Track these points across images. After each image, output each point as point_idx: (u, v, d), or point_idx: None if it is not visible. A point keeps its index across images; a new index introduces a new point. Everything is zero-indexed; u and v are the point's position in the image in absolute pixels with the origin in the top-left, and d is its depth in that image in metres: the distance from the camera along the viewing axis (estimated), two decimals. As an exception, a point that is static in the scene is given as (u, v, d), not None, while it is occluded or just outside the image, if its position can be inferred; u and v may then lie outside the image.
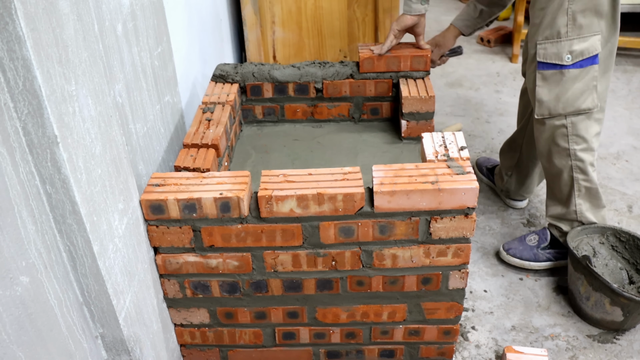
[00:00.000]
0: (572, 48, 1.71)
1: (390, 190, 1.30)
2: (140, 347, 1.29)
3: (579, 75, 1.74)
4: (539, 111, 1.81)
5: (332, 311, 1.53)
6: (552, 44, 1.73)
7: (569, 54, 1.72)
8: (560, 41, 1.72)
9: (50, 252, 1.02)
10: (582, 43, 1.70)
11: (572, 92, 1.76)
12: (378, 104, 1.98)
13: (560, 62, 1.73)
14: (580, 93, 1.76)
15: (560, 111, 1.79)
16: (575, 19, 1.68)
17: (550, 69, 1.76)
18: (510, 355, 1.65)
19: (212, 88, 1.90)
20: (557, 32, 1.71)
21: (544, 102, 1.80)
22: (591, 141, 1.83)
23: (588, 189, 1.89)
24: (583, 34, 1.70)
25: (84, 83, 1.02)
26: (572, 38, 1.70)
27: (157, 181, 1.37)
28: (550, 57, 1.74)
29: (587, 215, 1.92)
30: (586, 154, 1.84)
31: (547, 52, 1.74)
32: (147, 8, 1.48)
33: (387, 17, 2.65)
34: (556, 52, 1.73)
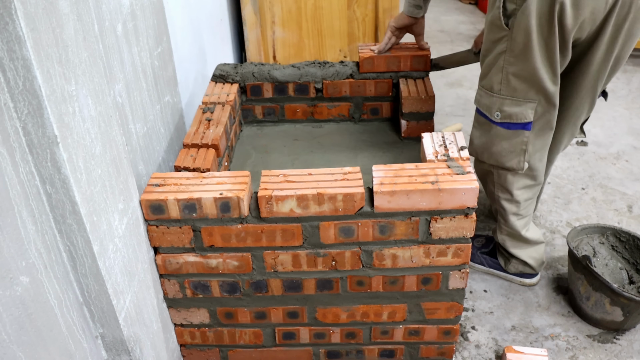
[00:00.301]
0: (503, 108, 1.61)
1: (390, 190, 1.30)
2: (140, 347, 1.29)
3: (506, 135, 1.65)
4: (469, 150, 1.75)
5: (332, 311, 1.53)
6: (487, 95, 1.64)
7: (498, 112, 1.62)
8: (492, 95, 1.62)
9: (50, 252, 1.02)
10: (513, 106, 1.60)
11: (497, 148, 1.69)
12: (378, 104, 1.98)
13: (490, 116, 1.65)
14: (506, 152, 1.68)
15: (485, 160, 1.74)
16: (509, 81, 1.58)
17: (483, 117, 1.69)
18: (510, 355, 1.65)
19: (212, 88, 1.90)
20: (491, 85, 1.62)
21: (473, 144, 1.75)
22: (516, 194, 1.78)
23: (509, 233, 1.89)
24: (517, 97, 1.59)
25: (84, 83, 1.02)
26: (504, 97, 1.60)
27: (157, 181, 1.37)
28: (483, 107, 1.66)
29: (512, 250, 1.93)
30: (510, 204, 1.81)
31: (482, 101, 1.66)
32: (147, 8, 1.48)
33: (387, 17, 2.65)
34: (488, 105, 1.64)
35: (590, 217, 2.31)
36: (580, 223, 2.25)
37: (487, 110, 1.65)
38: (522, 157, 1.68)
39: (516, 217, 1.84)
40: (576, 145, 2.77)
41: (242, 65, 1.96)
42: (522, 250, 1.92)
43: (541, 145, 1.71)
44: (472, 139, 1.75)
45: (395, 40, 1.92)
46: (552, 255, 2.13)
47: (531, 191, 1.81)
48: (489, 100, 1.63)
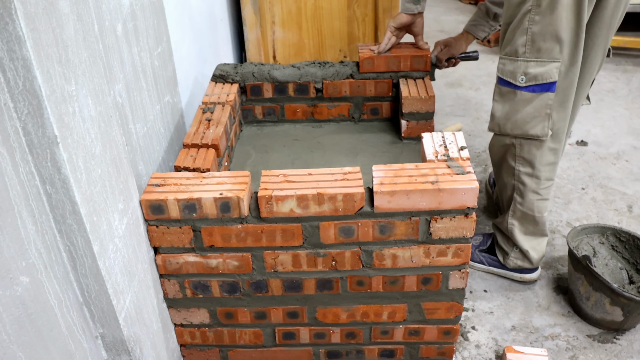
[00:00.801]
0: (528, 70, 1.62)
1: (390, 190, 1.30)
2: (140, 347, 1.29)
3: (531, 99, 1.65)
4: (490, 125, 1.77)
5: (332, 311, 1.53)
6: (510, 61, 1.65)
7: (523, 75, 1.63)
8: (517, 60, 1.63)
9: (50, 252, 1.02)
10: (538, 67, 1.61)
11: (522, 114, 1.68)
12: (378, 104, 1.98)
13: (514, 81, 1.65)
14: (530, 117, 1.68)
15: (508, 131, 1.73)
16: (535, 40, 1.59)
17: (506, 86, 1.69)
18: (510, 355, 1.65)
19: (212, 88, 1.90)
20: (515, 50, 1.63)
21: (495, 118, 1.74)
22: (539, 169, 1.77)
23: (523, 214, 1.85)
24: (541, 58, 1.60)
25: (84, 83, 1.02)
26: (529, 59, 1.61)
27: (157, 181, 1.37)
28: (507, 74, 1.67)
29: (517, 237, 1.90)
30: (530, 179, 1.79)
31: (505, 69, 1.67)
32: (147, 8, 1.48)
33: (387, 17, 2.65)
34: (512, 70, 1.65)
35: (590, 217, 2.31)
36: (580, 223, 2.25)
37: (511, 77, 1.65)
38: (547, 123, 1.67)
39: (535, 196, 1.81)
40: (576, 145, 2.77)
41: (242, 65, 1.96)
42: (527, 240, 1.90)
43: (563, 116, 1.71)
44: (494, 113, 1.74)
45: (395, 40, 1.92)
46: (552, 255, 2.13)
47: (552, 170, 1.80)
48: (513, 65, 1.64)
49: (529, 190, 1.80)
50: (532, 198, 1.81)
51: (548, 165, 1.77)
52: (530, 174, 1.78)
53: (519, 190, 1.82)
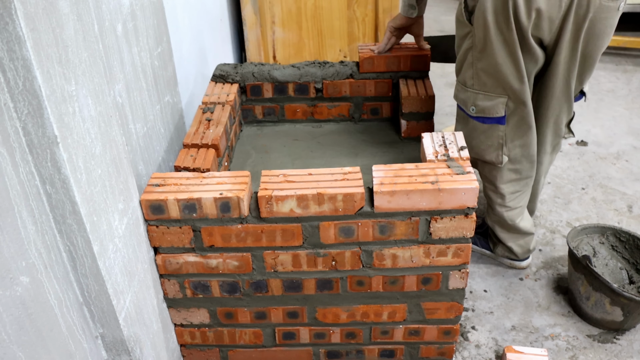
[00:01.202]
0: (477, 102, 1.66)
1: (390, 190, 1.30)
2: (140, 347, 1.29)
3: (483, 129, 1.70)
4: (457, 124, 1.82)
5: (332, 311, 1.53)
6: (462, 89, 1.69)
7: (473, 106, 1.67)
8: (467, 90, 1.67)
9: (50, 252, 1.02)
10: (486, 101, 1.64)
11: (476, 141, 1.73)
12: (378, 104, 1.98)
13: (467, 110, 1.70)
14: (485, 146, 1.72)
15: (470, 153, 1.74)
16: (479, 76, 1.63)
17: (462, 111, 1.75)
18: (510, 355, 1.65)
19: (212, 88, 1.90)
20: (464, 80, 1.67)
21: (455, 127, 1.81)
22: (501, 188, 1.81)
23: (497, 221, 1.93)
24: (488, 92, 1.63)
25: (84, 83, 1.02)
26: (477, 91, 1.65)
27: (157, 181, 1.37)
28: (460, 101, 1.72)
29: (500, 235, 1.96)
30: (495, 195, 1.85)
31: (459, 96, 1.72)
32: (147, 8, 1.48)
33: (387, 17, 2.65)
34: (464, 99, 1.70)
35: (590, 217, 2.31)
36: (580, 223, 2.25)
37: (463, 105, 1.71)
38: (500, 151, 1.72)
39: (503, 209, 1.87)
40: (576, 145, 2.77)
41: (242, 65, 1.96)
42: (510, 237, 1.96)
43: (521, 142, 1.73)
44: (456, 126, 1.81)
45: (395, 40, 1.92)
46: (552, 255, 2.13)
47: (517, 185, 1.82)
48: (465, 94, 1.69)
49: (495, 204, 1.88)
50: (500, 210, 1.88)
51: (510, 182, 1.81)
52: (494, 190, 1.85)
53: (489, 202, 1.92)
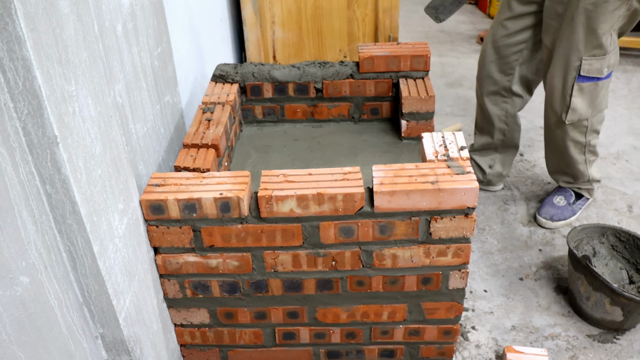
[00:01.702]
0: (610, 62, 1.95)
1: (390, 190, 1.30)
2: (140, 347, 1.29)
3: (606, 84, 2.01)
4: (571, 117, 2.03)
5: (332, 311, 1.53)
6: (598, 60, 1.92)
7: (607, 68, 1.95)
8: (604, 57, 1.92)
9: (50, 252, 1.02)
10: (614, 56, 1.96)
11: (600, 98, 2.02)
12: (378, 104, 1.98)
13: (600, 75, 1.96)
14: (603, 97, 2.03)
15: (589, 116, 2.04)
16: (614, 37, 1.93)
17: (588, 81, 1.96)
18: (511, 355, 1.65)
19: (212, 88, 1.90)
20: (605, 50, 1.91)
21: (577, 110, 2.01)
22: (599, 130, 2.14)
23: (594, 161, 2.23)
24: (615, 47, 1.95)
25: (84, 83, 1.02)
26: (610, 52, 1.93)
27: (157, 181, 1.37)
28: (594, 72, 1.94)
29: (594, 176, 2.26)
30: (596, 139, 2.15)
31: (592, 67, 1.93)
32: (147, 8, 1.48)
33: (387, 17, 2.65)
34: (599, 67, 1.94)
35: (590, 217, 2.31)
36: (580, 223, 2.25)
37: (598, 73, 1.95)
38: (608, 95, 2.07)
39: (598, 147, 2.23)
40: (576, 145, 2.77)
41: (242, 65, 1.96)
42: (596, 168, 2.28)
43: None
44: (575, 107, 2.01)
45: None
46: (552, 255, 2.13)
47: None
48: (601, 62, 1.93)
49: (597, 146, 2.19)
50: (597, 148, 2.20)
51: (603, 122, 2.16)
52: (597, 137, 2.16)
53: (591, 152, 2.18)
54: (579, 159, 2.17)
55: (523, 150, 2.73)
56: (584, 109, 2.02)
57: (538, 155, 2.69)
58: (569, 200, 2.29)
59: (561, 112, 2.04)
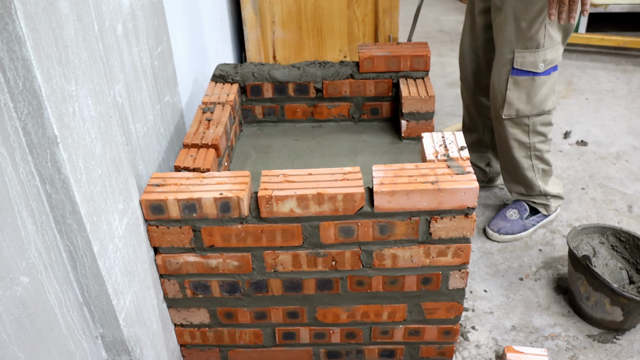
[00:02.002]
0: (546, 57, 1.88)
1: (390, 190, 1.30)
2: (140, 347, 1.29)
3: (545, 81, 1.92)
4: (507, 112, 1.97)
5: (332, 311, 1.53)
6: (531, 53, 1.87)
7: (542, 63, 1.88)
8: (538, 51, 1.86)
9: (50, 252, 1.02)
10: (552, 53, 1.88)
11: (539, 96, 1.94)
12: (378, 104, 1.98)
13: (535, 69, 1.89)
14: (545, 97, 1.95)
15: (528, 113, 1.97)
16: (549, 32, 1.85)
17: (523, 75, 1.90)
18: (510, 355, 1.65)
19: (212, 88, 1.90)
20: (537, 43, 1.85)
21: (513, 105, 1.96)
22: (548, 135, 2.07)
23: (545, 171, 2.14)
24: (553, 45, 1.87)
25: (84, 83, 1.02)
26: (546, 48, 1.86)
27: (157, 181, 1.37)
28: (527, 65, 1.88)
29: (548, 189, 2.18)
30: (544, 144, 2.08)
31: (525, 61, 1.88)
32: (147, 8, 1.48)
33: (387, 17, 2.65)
34: (533, 61, 1.88)
35: (590, 217, 2.31)
36: (580, 223, 2.25)
37: (532, 66, 1.89)
38: (554, 97, 1.99)
39: (548, 154, 2.11)
40: (576, 145, 2.77)
41: (242, 65, 1.96)
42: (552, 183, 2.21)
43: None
44: (511, 101, 1.95)
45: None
46: (552, 255, 2.13)
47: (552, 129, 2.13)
48: (534, 56, 1.87)
49: (545, 152, 2.10)
50: (547, 156, 2.12)
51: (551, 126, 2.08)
52: (544, 140, 2.08)
53: (537, 157, 2.10)
54: (524, 164, 2.09)
55: (523, 150, 2.73)
56: (521, 104, 1.95)
57: (538, 155, 2.70)
58: (522, 215, 2.22)
59: (500, 107, 1.99)
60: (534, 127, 2.01)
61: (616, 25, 3.92)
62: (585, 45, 3.65)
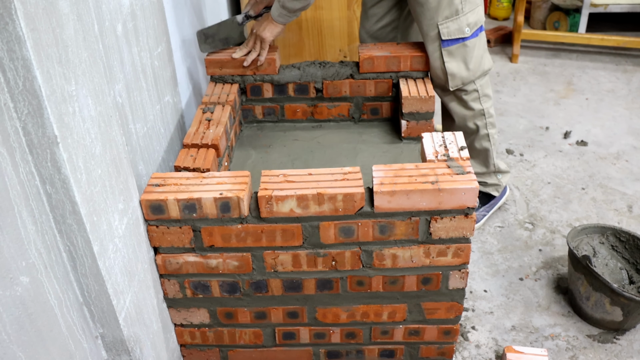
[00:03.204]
0: (469, 21, 1.91)
1: (390, 190, 1.30)
2: (140, 347, 1.29)
3: (477, 43, 1.96)
4: (453, 83, 1.98)
5: (332, 311, 1.53)
6: (453, 21, 1.89)
7: (467, 27, 1.90)
8: (458, 17, 1.89)
9: (50, 252, 1.02)
10: (473, 15, 1.92)
11: (475, 58, 1.97)
12: (378, 104, 1.98)
13: (463, 35, 1.91)
14: (480, 57, 1.99)
15: (472, 77, 1.98)
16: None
17: (454, 44, 1.92)
18: (510, 355, 1.65)
19: (212, 88, 1.90)
20: (455, 10, 1.88)
21: (455, 75, 1.96)
22: (491, 95, 2.10)
23: (495, 140, 2.16)
24: (472, 8, 1.91)
25: (84, 83, 1.02)
26: (466, 12, 1.89)
27: (157, 181, 1.37)
28: (454, 33, 1.90)
29: (499, 164, 2.22)
30: (492, 108, 2.10)
31: (450, 30, 1.90)
32: (147, 8, 1.48)
33: (387, 17, 2.65)
34: (458, 27, 1.90)
35: (590, 217, 2.31)
36: (580, 223, 2.25)
37: (459, 33, 1.90)
38: (487, 55, 2.02)
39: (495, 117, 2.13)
40: (576, 145, 2.77)
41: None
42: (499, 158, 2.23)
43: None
44: (453, 72, 1.95)
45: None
46: (552, 255, 2.13)
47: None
48: (457, 23, 1.89)
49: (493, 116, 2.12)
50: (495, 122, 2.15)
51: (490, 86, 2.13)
52: (492, 103, 2.10)
53: (491, 124, 2.11)
54: (481, 132, 2.11)
55: (523, 150, 2.73)
56: (462, 72, 1.96)
57: (538, 155, 2.70)
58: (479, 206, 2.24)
59: (445, 82, 1.98)
60: (482, 91, 2.04)
61: (616, 25, 3.92)
62: (585, 45, 3.65)
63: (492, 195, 2.28)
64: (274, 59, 1.89)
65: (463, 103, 2.04)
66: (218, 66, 1.90)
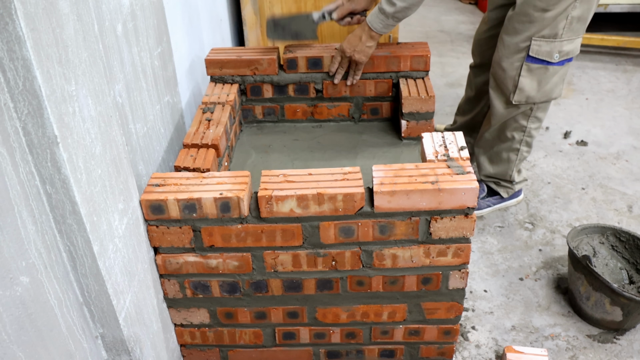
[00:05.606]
0: (562, 48, 1.91)
1: (390, 190, 1.30)
2: (140, 347, 1.29)
3: (559, 71, 1.97)
4: (518, 98, 2.01)
5: (332, 311, 1.53)
6: (547, 42, 1.89)
7: (557, 53, 1.91)
8: (554, 41, 1.89)
9: (50, 252, 1.02)
10: (569, 45, 1.92)
11: (550, 85, 1.99)
12: (378, 104, 1.98)
13: (549, 59, 1.92)
14: (555, 85, 2.00)
15: (537, 100, 2.01)
16: (572, 23, 1.87)
17: (537, 64, 1.94)
18: (510, 355, 1.65)
19: (212, 88, 1.90)
20: (554, 33, 1.88)
21: (524, 91, 1.99)
22: (543, 121, 2.14)
23: (524, 158, 2.22)
24: (572, 37, 1.91)
25: (84, 83, 1.02)
26: (564, 39, 1.89)
27: (157, 181, 1.37)
28: (542, 54, 1.91)
29: (515, 177, 2.27)
30: (537, 131, 2.14)
31: (541, 49, 1.91)
32: (147, 8, 1.48)
33: (387, 17, 2.64)
34: (549, 50, 1.91)
35: (590, 217, 2.31)
36: (580, 223, 2.25)
37: (547, 56, 1.92)
38: (562, 85, 2.04)
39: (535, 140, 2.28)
40: (576, 145, 2.77)
41: (242, 65, 1.96)
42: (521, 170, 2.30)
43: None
44: (523, 87, 1.98)
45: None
46: (552, 255, 2.13)
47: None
48: (550, 46, 1.90)
49: (534, 139, 2.19)
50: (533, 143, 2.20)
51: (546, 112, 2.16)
52: (538, 127, 2.14)
53: (527, 143, 2.16)
54: (512, 146, 2.15)
55: (523, 150, 2.73)
56: (532, 91, 1.99)
57: (538, 155, 2.70)
58: (479, 194, 2.27)
59: (510, 93, 2.01)
60: (535, 112, 2.06)
61: (616, 25, 3.92)
62: (585, 45, 3.65)
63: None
64: (274, 59, 1.89)
65: (511, 112, 2.07)
66: (218, 66, 1.90)
